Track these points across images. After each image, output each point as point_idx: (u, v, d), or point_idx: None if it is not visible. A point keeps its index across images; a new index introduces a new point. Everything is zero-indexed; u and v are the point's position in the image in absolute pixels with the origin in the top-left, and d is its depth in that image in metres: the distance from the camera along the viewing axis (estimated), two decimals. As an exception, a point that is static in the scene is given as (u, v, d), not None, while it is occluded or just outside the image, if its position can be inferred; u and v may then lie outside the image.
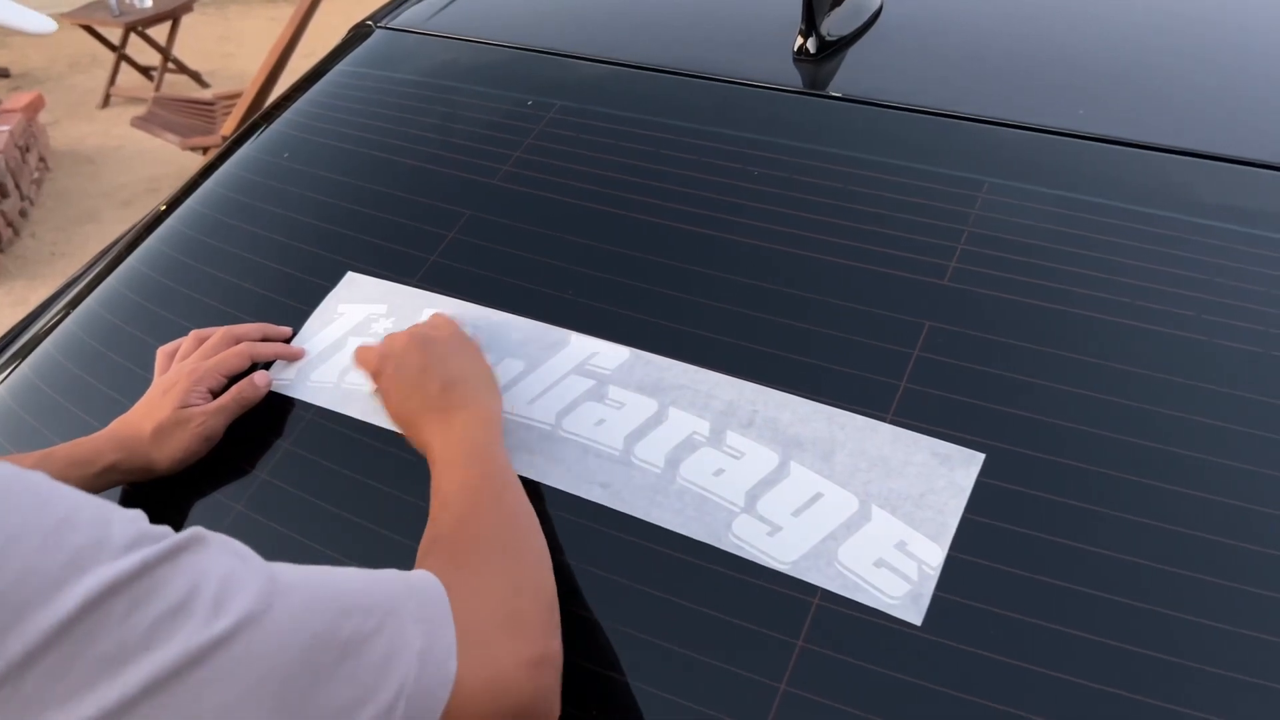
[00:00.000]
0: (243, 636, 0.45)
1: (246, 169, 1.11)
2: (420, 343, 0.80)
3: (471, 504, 0.68)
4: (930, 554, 0.68)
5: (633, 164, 0.96)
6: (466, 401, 0.76)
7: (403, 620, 0.53)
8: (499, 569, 0.64)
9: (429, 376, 0.77)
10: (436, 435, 0.74)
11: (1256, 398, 0.71)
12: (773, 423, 0.76)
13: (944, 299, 0.80)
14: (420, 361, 0.78)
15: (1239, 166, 0.86)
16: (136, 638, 0.42)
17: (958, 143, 0.92)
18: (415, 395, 0.77)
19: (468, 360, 0.80)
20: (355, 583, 0.54)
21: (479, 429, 0.74)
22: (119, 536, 0.44)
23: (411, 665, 0.52)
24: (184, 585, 0.45)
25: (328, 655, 0.48)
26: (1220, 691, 0.60)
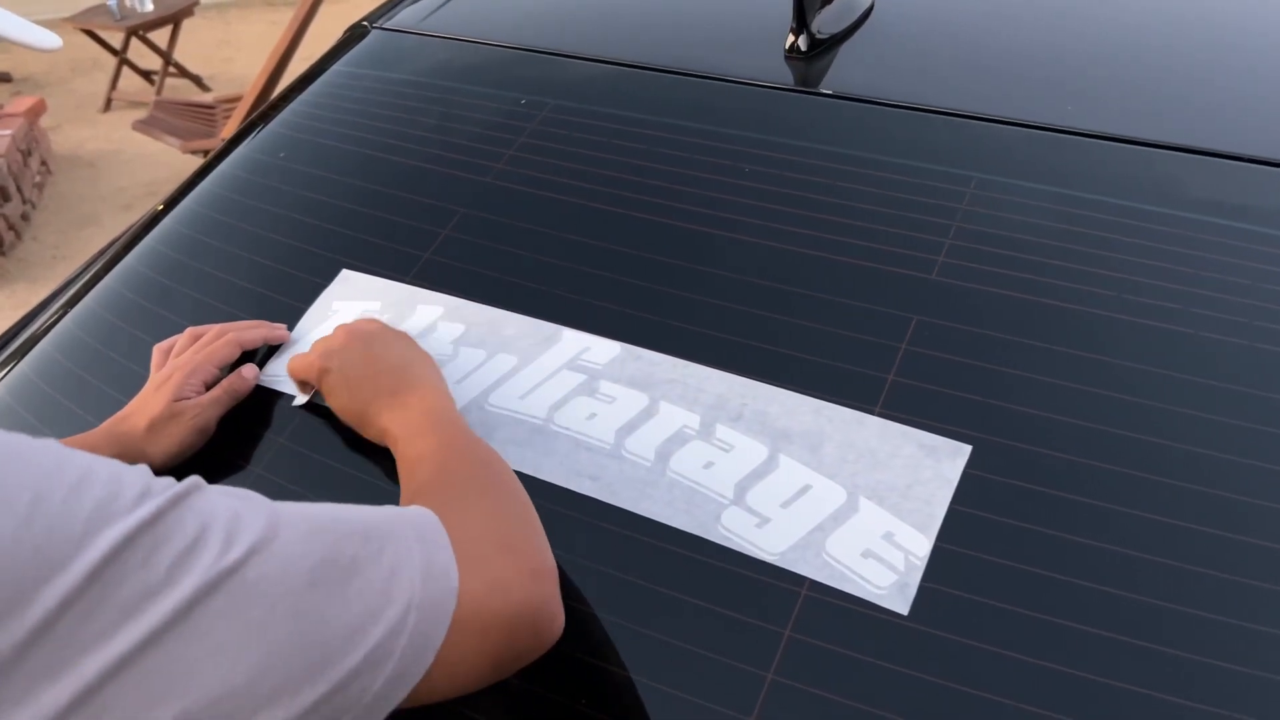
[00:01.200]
0: (254, 563, 0.48)
1: (243, 169, 1.12)
2: (360, 335, 0.81)
3: (445, 457, 0.70)
4: (917, 545, 0.68)
5: (625, 162, 0.97)
6: (415, 382, 0.77)
7: (402, 542, 0.56)
8: (483, 505, 0.66)
9: (376, 366, 0.78)
10: (395, 417, 0.75)
11: (1242, 390, 0.72)
12: (762, 416, 0.77)
13: (931, 293, 0.81)
14: (363, 354, 0.79)
15: (1228, 161, 0.87)
16: (158, 577, 0.45)
17: (947, 139, 0.92)
18: (365, 386, 0.78)
19: (407, 347, 0.82)
20: (353, 513, 0.57)
21: (434, 401, 0.76)
22: (131, 490, 0.47)
23: (416, 580, 0.54)
24: (195, 525, 0.47)
25: (335, 575, 0.51)
26: (1206, 680, 0.60)
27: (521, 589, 0.61)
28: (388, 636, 0.52)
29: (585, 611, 0.71)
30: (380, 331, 0.82)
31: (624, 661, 0.68)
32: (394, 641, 0.52)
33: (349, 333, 0.82)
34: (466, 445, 0.72)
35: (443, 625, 0.55)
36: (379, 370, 0.78)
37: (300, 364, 0.83)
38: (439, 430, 0.73)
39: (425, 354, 0.82)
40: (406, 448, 0.72)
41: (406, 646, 0.52)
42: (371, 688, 0.51)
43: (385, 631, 0.52)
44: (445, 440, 0.72)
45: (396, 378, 0.78)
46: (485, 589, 0.58)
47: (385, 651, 0.51)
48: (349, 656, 0.50)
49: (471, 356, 0.85)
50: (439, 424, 0.73)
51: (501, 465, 0.71)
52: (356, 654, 0.50)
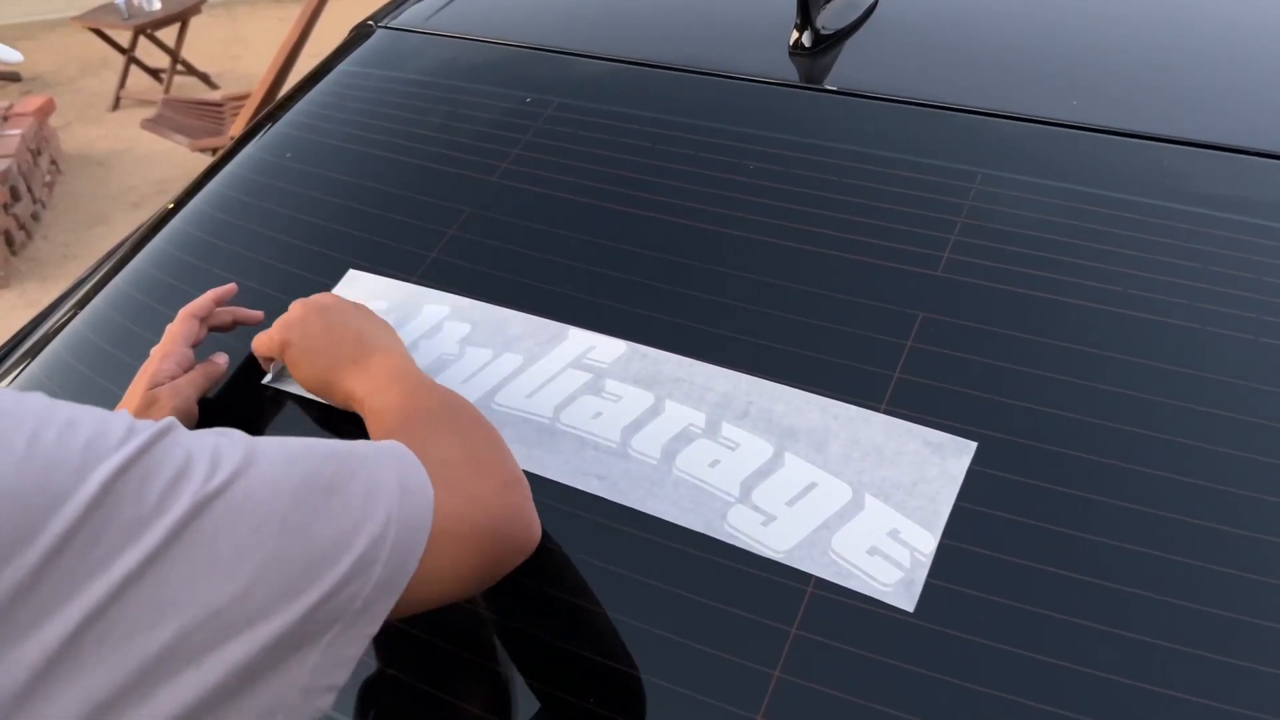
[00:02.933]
0: (239, 485, 0.51)
1: (250, 169, 1.12)
2: (317, 307, 0.84)
3: (409, 403, 0.73)
4: (923, 542, 0.68)
5: (630, 159, 0.97)
6: (375, 347, 0.80)
7: (376, 464, 0.59)
8: (450, 433, 0.70)
9: (336, 334, 0.81)
10: (359, 381, 0.78)
11: (1250, 385, 0.72)
12: (767, 414, 0.77)
13: (937, 290, 0.81)
14: (322, 323, 0.82)
15: (1234, 155, 0.86)
16: (151, 504, 0.48)
17: (951, 134, 0.92)
18: (326, 354, 0.80)
19: (364, 316, 0.84)
20: (327, 442, 0.60)
21: (396, 362, 0.78)
22: (118, 428, 0.50)
23: (394, 496, 0.57)
24: (180, 456, 0.50)
25: (316, 492, 0.54)
26: (1215, 676, 0.60)
27: (495, 499, 0.65)
28: (371, 546, 0.54)
29: (592, 610, 0.71)
30: (336, 303, 0.84)
31: (631, 659, 0.68)
32: (378, 550, 0.55)
33: (305, 305, 0.84)
34: (430, 390, 0.75)
35: (423, 535, 0.58)
36: (338, 338, 0.81)
37: (262, 340, 0.86)
38: (401, 383, 0.76)
39: (383, 321, 0.84)
40: (372, 403, 0.75)
41: (390, 555, 0.55)
42: (360, 594, 0.54)
43: (369, 541, 0.54)
44: (408, 390, 0.75)
45: (356, 344, 0.80)
46: (460, 501, 0.62)
47: (370, 559, 0.54)
48: (336, 565, 0.53)
49: (477, 356, 0.85)
50: (401, 379, 0.76)
51: (465, 403, 0.74)
52: (343, 563, 0.53)
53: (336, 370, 0.79)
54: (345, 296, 0.93)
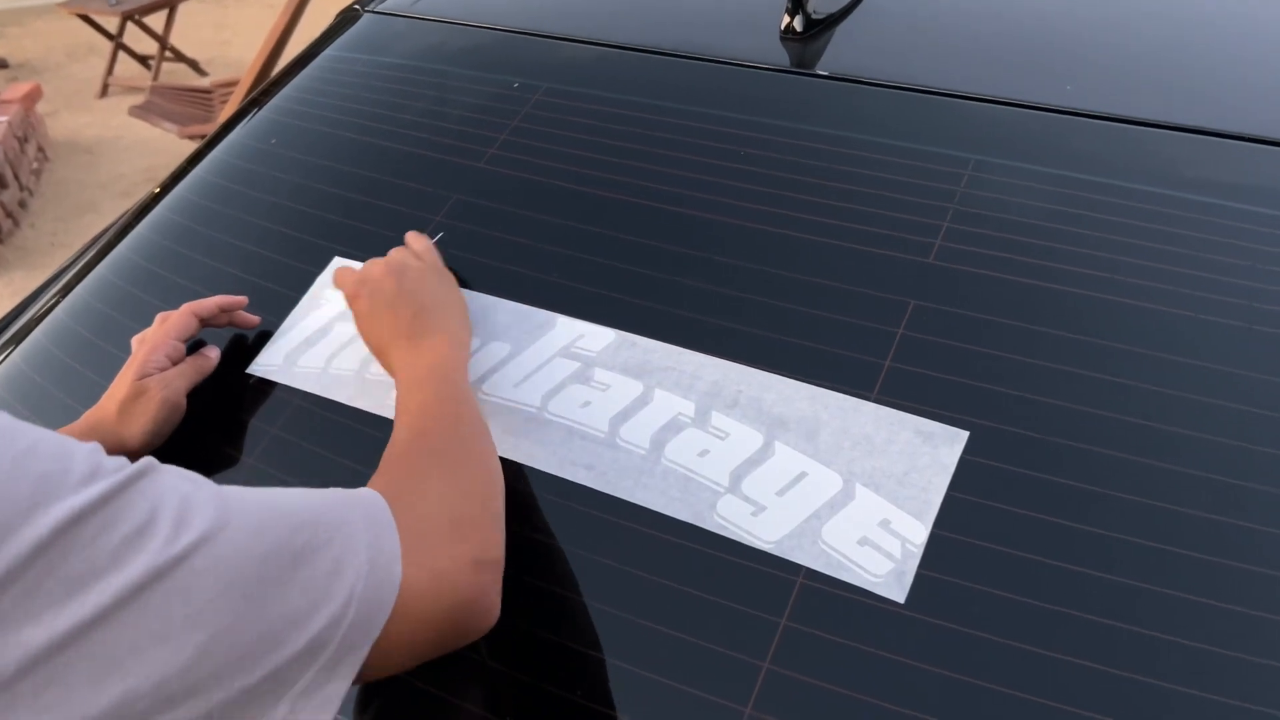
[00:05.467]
0: (204, 551, 0.49)
1: (235, 155, 1.11)
2: (396, 270, 0.83)
3: (427, 420, 0.71)
4: (914, 532, 0.68)
5: (618, 145, 0.96)
6: (434, 329, 0.79)
7: (350, 532, 0.56)
8: (446, 476, 0.67)
9: (401, 303, 0.80)
10: (404, 360, 0.77)
11: (1246, 374, 0.71)
12: (757, 403, 0.76)
13: (929, 277, 0.80)
14: (394, 288, 0.81)
15: (1228, 141, 0.85)
16: (105, 558, 0.45)
17: (944, 120, 0.91)
18: (386, 321, 0.80)
19: (441, 289, 0.83)
20: (304, 500, 0.58)
21: (444, 353, 0.77)
22: (80, 467, 0.47)
23: (360, 572, 0.55)
24: (145, 509, 0.48)
25: (282, 565, 0.52)
26: (1203, 666, 0.60)
27: (463, 581, 0.62)
28: (327, 628, 0.53)
29: (580, 601, 0.70)
30: (419, 268, 0.84)
31: (619, 651, 0.68)
32: (332, 632, 0.53)
33: (389, 263, 0.84)
34: (453, 410, 0.73)
35: (382, 616, 0.56)
36: (403, 307, 0.80)
37: (343, 280, 0.85)
38: (433, 386, 0.74)
39: (458, 298, 0.84)
40: (402, 397, 0.75)
41: (344, 637, 0.54)
42: (306, 674, 0.52)
43: (326, 622, 0.53)
44: (434, 399, 0.73)
45: (416, 321, 0.79)
46: (426, 578, 0.59)
47: (323, 641, 0.53)
48: (288, 645, 0.51)
49: (464, 344, 0.84)
50: (437, 380, 0.75)
51: (480, 433, 0.73)
52: (296, 643, 0.51)
53: (391, 341, 0.79)
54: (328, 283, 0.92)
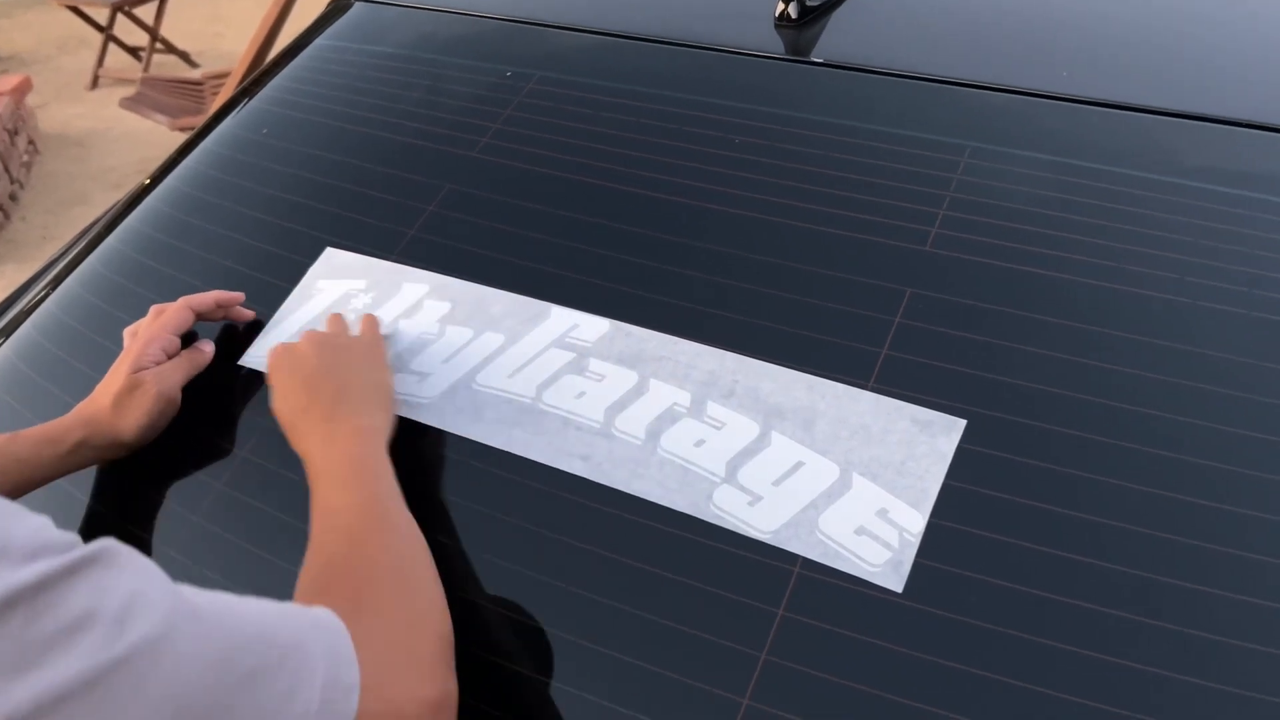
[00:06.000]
0: (143, 659, 0.44)
1: (225, 146, 1.10)
2: (320, 345, 0.79)
3: (361, 530, 0.66)
4: (911, 521, 0.67)
5: (612, 134, 0.95)
6: (354, 412, 0.74)
7: (306, 655, 0.52)
8: (396, 605, 0.62)
9: (321, 379, 0.76)
10: (318, 445, 0.72)
11: (1242, 361, 0.71)
12: (753, 392, 0.75)
13: (926, 265, 0.80)
14: (316, 363, 0.77)
15: (1225, 127, 0.85)
16: (32, 652, 0.41)
17: (941, 107, 0.91)
18: (300, 395, 0.76)
19: (367, 371, 0.78)
20: (261, 615, 0.53)
21: (364, 443, 0.72)
22: (20, 544, 0.43)
23: (313, 702, 0.50)
24: (85, 601, 0.43)
25: (229, 685, 0.47)
26: (1203, 654, 0.60)
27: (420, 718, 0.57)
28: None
29: (576, 593, 0.70)
30: (348, 346, 0.80)
31: (616, 643, 0.67)
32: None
33: (315, 337, 0.80)
34: (385, 518, 0.67)
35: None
36: (320, 384, 0.75)
37: (270, 352, 0.81)
38: (359, 485, 0.69)
39: (385, 382, 0.78)
40: (321, 492, 0.69)
41: None
42: None
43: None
44: (363, 502, 0.68)
45: (334, 400, 0.74)
46: (381, 715, 0.54)
47: None
48: None
49: (458, 335, 0.84)
50: (362, 476, 0.69)
51: (418, 546, 0.67)
52: None
53: (303, 420, 0.74)
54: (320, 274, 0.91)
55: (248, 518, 0.80)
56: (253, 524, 0.80)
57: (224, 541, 0.80)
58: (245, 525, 0.80)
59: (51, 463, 0.78)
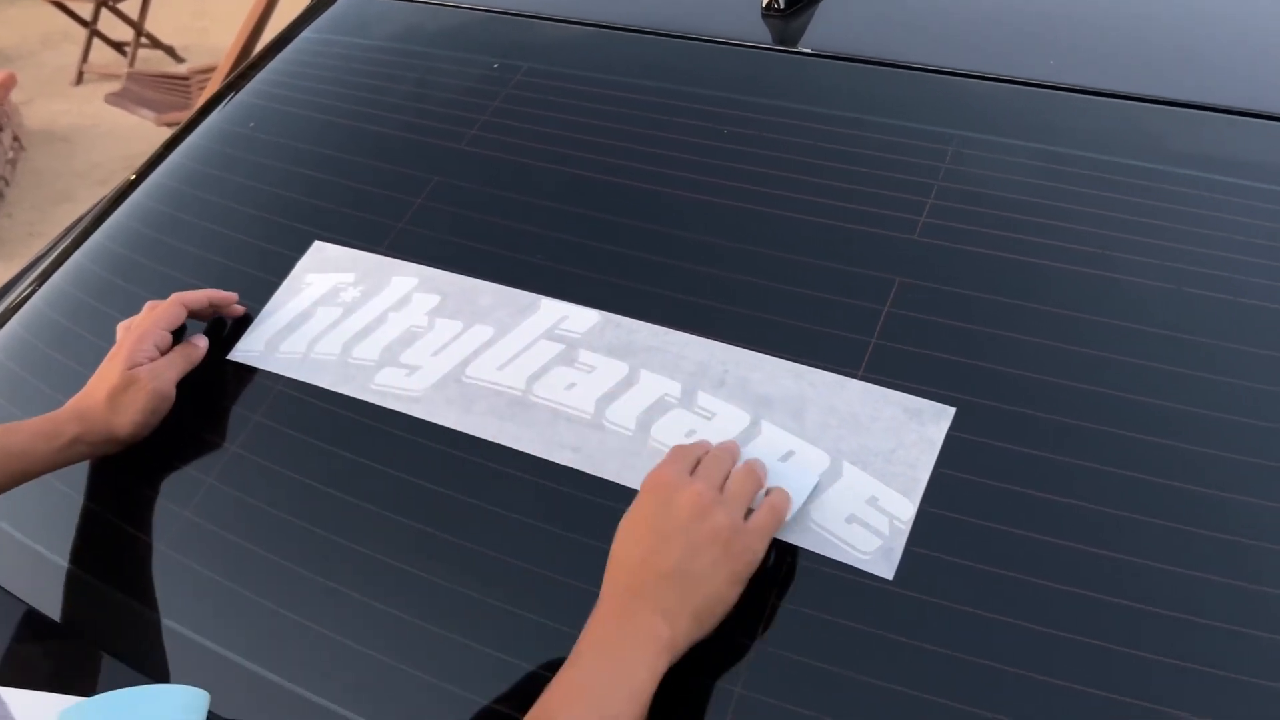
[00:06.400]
0: None
1: (212, 140, 1.09)
2: (762, 528, 0.65)
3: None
4: (901, 509, 0.67)
5: (600, 125, 0.95)
6: (670, 611, 0.62)
7: None
8: None
9: (702, 556, 0.63)
10: (607, 622, 0.63)
11: (1232, 347, 0.71)
12: (743, 382, 0.75)
13: (914, 254, 0.80)
14: (727, 535, 0.64)
15: (1212, 114, 0.85)
16: None
17: (928, 96, 0.91)
18: (636, 546, 0.65)
19: (726, 575, 0.63)
20: None
21: (653, 659, 0.60)
22: None
23: None
24: None
25: None
26: (1195, 641, 0.60)
27: None
28: None
29: (567, 584, 0.70)
30: (731, 524, 0.64)
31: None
32: None
33: (705, 499, 0.65)
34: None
35: None
36: (695, 560, 0.63)
37: (677, 454, 0.69)
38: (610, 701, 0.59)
39: (729, 597, 0.64)
40: (570, 678, 0.60)
41: None
42: None
43: None
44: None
45: (665, 580, 0.63)
46: None
47: None
48: None
49: (448, 328, 0.83)
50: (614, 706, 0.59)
51: None
52: None
53: (632, 568, 0.64)
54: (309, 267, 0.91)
55: (238, 512, 0.80)
56: (244, 519, 0.79)
57: (215, 536, 0.80)
58: (235, 519, 0.80)
59: (46, 457, 0.78)
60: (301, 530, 0.77)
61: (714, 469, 0.68)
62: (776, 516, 0.66)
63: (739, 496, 0.66)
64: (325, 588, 0.74)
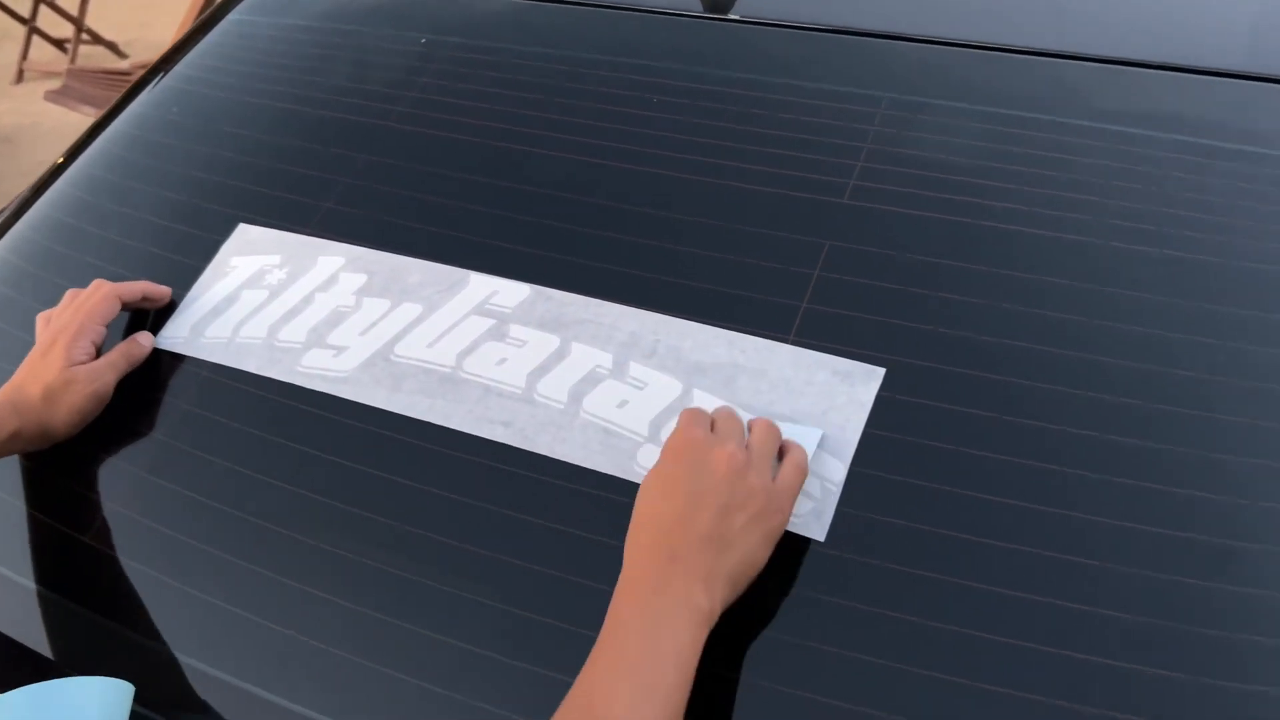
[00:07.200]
0: None
1: (134, 126, 1.07)
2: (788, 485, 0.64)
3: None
4: (833, 470, 0.67)
5: (528, 98, 0.93)
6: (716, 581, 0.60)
7: None
8: None
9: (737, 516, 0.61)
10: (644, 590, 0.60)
11: (1158, 299, 0.71)
12: (675, 351, 0.75)
13: (844, 218, 0.79)
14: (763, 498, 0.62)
15: (1140, 70, 0.85)
16: None
17: (856, 60, 0.90)
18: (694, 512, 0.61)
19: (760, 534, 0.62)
20: None
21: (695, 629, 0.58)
22: None
23: None
24: None
25: None
26: (1123, 590, 0.60)
27: None
28: None
29: (503, 560, 0.69)
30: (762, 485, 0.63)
31: (547, 607, 0.67)
32: None
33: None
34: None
35: None
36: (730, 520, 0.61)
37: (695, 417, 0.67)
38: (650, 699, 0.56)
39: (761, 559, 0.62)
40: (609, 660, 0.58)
41: None
42: None
43: None
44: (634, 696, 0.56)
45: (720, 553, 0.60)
46: None
47: None
48: None
49: (375, 306, 0.82)
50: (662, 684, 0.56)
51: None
52: None
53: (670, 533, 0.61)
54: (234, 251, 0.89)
55: (167, 503, 0.78)
56: (174, 506, 0.78)
57: (143, 527, 0.78)
58: (167, 508, 0.78)
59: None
60: (231, 518, 0.75)
61: (735, 428, 0.66)
62: (801, 473, 0.66)
63: (765, 455, 0.65)
64: (256, 575, 0.73)
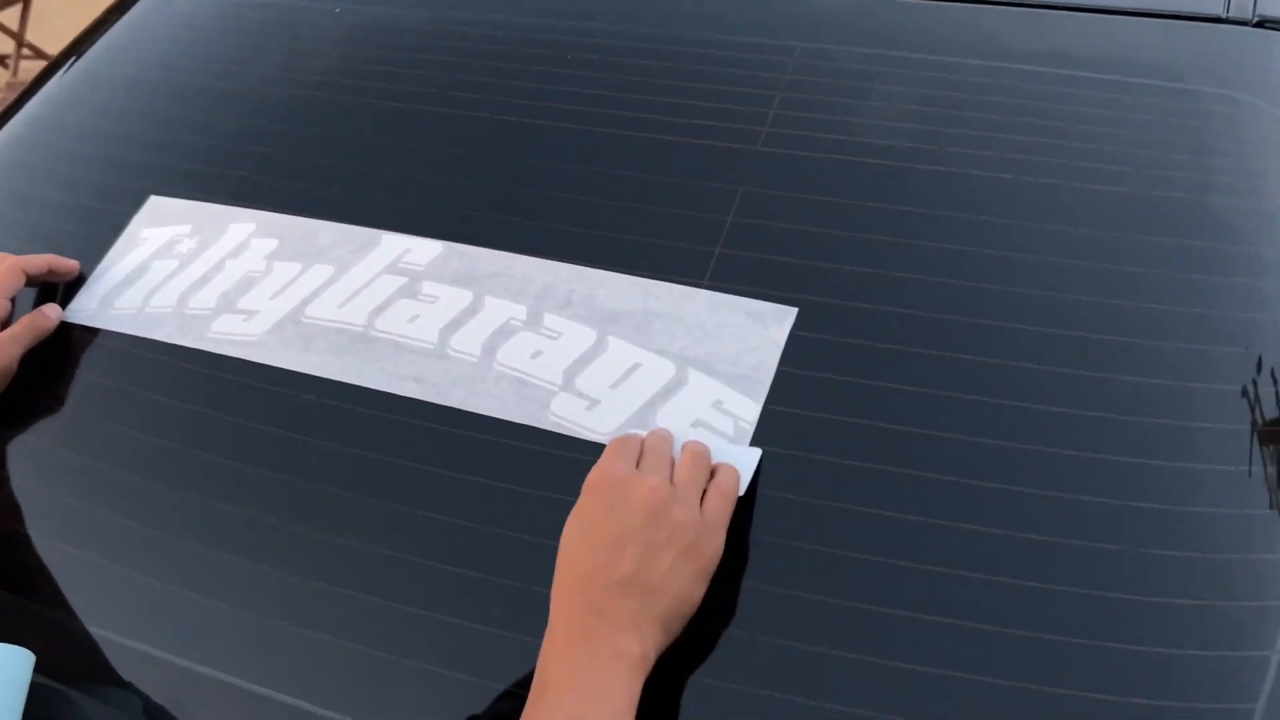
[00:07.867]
0: None
1: (44, 105, 1.04)
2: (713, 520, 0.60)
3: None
4: (745, 410, 0.67)
5: (437, 60, 0.92)
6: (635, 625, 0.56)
7: None
8: None
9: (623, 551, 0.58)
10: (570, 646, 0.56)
11: (1060, 229, 0.71)
12: (589, 301, 0.74)
13: (758, 164, 0.79)
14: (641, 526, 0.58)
15: (1044, 11, 0.86)
16: None
17: (771, 8, 0.90)
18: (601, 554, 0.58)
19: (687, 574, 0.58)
20: None
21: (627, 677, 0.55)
22: None
23: None
24: None
25: None
26: (1032, 520, 0.60)
27: None
28: None
29: (422, 516, 0.68)
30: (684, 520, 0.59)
31: (470, 561, 0.65)
32: None
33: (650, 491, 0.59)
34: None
35: None
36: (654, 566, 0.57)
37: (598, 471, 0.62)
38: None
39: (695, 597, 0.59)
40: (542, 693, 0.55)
41: None
42: None
43: None
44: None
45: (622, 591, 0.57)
46: None
47: None
48: None
49: (286, 270, 0.80)
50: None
51: None
52: None
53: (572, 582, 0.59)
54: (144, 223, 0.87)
55: (77, 474, 0.76)
56: (83, 480, 0.76)
57: (54, 501, 0.76)
58: (75, 482, 0.76)
59: None
60: (141, 486, 0.74)
61: (660, 459, 0.62)
62: (728, 499, 0.61)
63: (691, 486, 0.61)
64: (167, 542, 0.71)
